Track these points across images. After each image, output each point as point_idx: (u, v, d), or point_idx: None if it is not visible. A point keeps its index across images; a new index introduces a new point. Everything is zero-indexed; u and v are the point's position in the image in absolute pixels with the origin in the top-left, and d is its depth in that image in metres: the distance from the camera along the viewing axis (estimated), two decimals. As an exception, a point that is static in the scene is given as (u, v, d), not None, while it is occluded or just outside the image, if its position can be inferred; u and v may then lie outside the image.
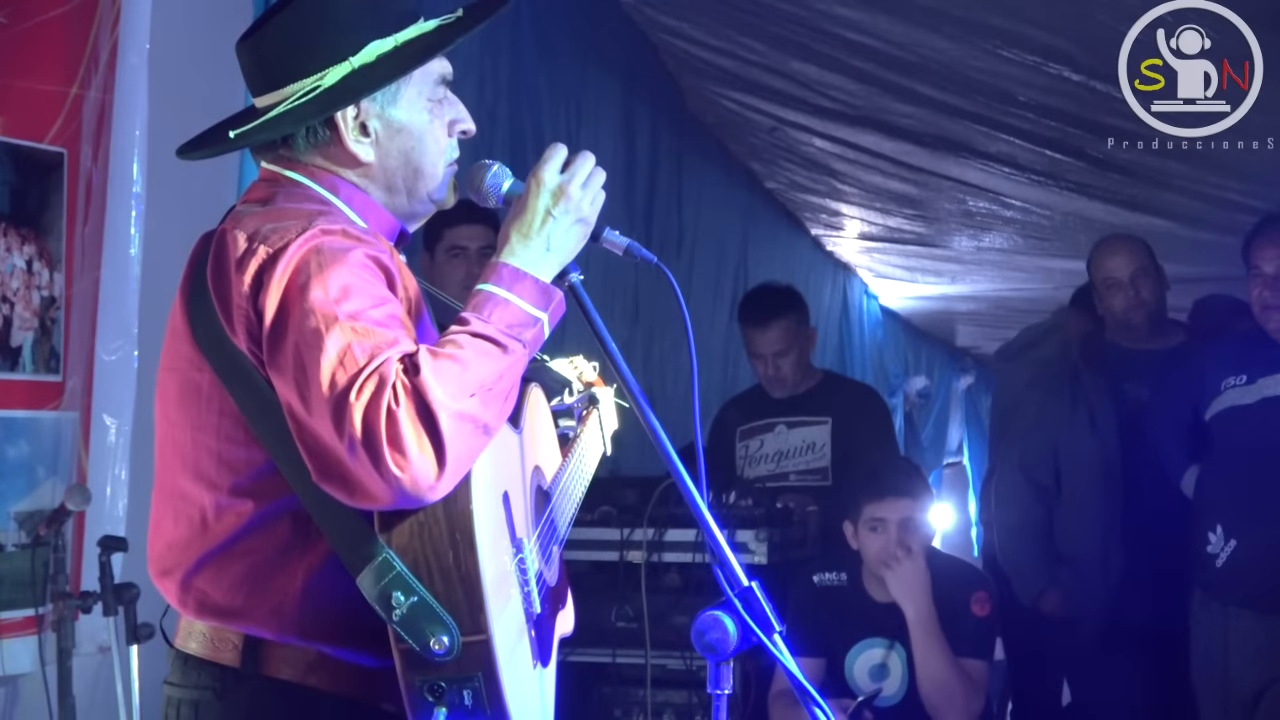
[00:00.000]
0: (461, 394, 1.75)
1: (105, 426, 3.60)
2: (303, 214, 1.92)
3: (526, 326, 1.86)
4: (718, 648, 1.86)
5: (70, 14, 3.55)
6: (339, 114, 1.98)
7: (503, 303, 1.86)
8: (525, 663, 1.91)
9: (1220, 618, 4.07)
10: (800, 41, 5.06)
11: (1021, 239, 7.35)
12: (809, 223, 8.16)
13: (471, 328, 1.82)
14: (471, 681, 1.77)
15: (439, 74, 2.04)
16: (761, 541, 4.18)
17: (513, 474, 1.99)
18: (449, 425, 1.72)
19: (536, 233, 1.93)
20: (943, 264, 8.51)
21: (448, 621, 1.77)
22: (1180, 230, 6.20)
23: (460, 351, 1.79)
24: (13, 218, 3.47)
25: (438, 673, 1.78)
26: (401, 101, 2.00)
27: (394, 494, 1.74)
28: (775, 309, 4.86)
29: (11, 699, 3.51)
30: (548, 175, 1.96)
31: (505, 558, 1.88)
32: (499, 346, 1.82)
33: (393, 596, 1.78)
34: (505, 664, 1.80)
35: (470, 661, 1.77)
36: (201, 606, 1.94)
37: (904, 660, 3.96)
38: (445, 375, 1.75)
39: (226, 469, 1.93)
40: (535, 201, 1.94)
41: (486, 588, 1.77)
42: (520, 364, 1.85)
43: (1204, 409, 4.16)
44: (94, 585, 3.34)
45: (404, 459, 1.71)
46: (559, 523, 2.18)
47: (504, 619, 1.83)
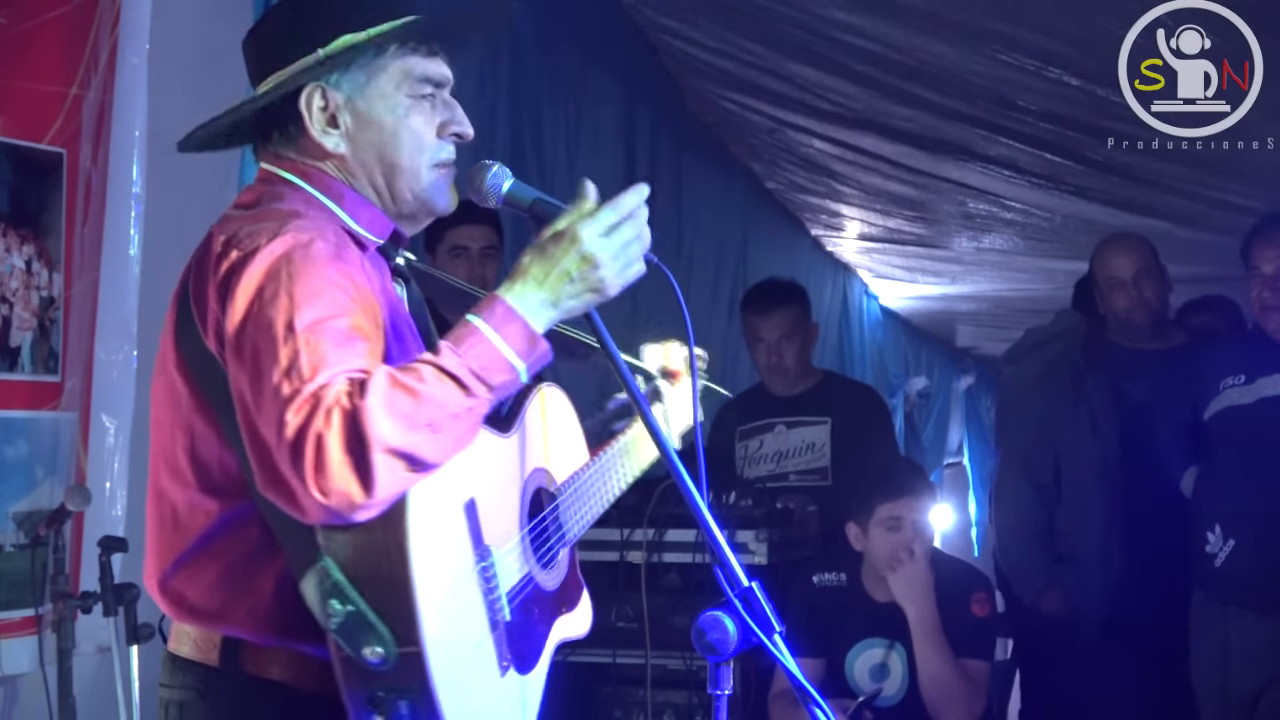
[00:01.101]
0: (405, 429, 1.70)
1: (104, 427, 3.60)
2: (281, 216, 1.93)
3: (501, 372, 1.81)
4: (718, 648, 1.86)
5: (70, 14, 3.54)
6: (304, 105, 2.01)
7: (484, 342, 1.80)
8: (485, 672, 1.87)
9: (1219, 618, 4.07)
10: (800, 44, 5.06)
11: (1021, 240, 7.35)
12: (809, 223, 8.16)
13: (441, 361, 1.77)
14: (408, 692, 1.75)
15: (422, 74, 2.04)
16: (761, 542, 4.17)
17: (490, 479, 1.95)
18: (381, 460, 1.68)
19: (548, 286, 1.86)
20: (943, 265, 8.52)
21: (382, 632, 1.74)
22: (1180, 231, 6.20)
23: (420, 385, 1.73)
24: (12, 218, 3.47)
25: (376, 682, 1.76)
26: (372, 94, 2.03)
27: (320, 513, 1.72)
28: (781, 296, 4.92)
29: (11, 699, 3.51)
30: (587, 236, 1.87)
31: (460, 567, 1.84)
32: (462, 389, 1.76)
33: (329, 604, 1.76)
34: (446, 675, 1.77)
35: (406, 672, 1.75)
36: (180, 608, 1.96)
37: (904, 660, 3.96)
38: (393, 407, 1.70)
39: (198, 467, 1.94)
40: (562, 256, 1.86)
41: (420, 600, 1.74)
42: (482, 408, 1.79)
43: (1203, 409, 4.16)
44: (94, 585, 3.33)
45: (327, 484, 1.69)
46: (568, 524, 2.13)
47: (451, 629, 1.80)
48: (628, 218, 1.90)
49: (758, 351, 4.91)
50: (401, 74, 2.03)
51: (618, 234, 1.89)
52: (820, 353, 5.50)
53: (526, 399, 2.11)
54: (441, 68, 2.07)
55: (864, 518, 4.03)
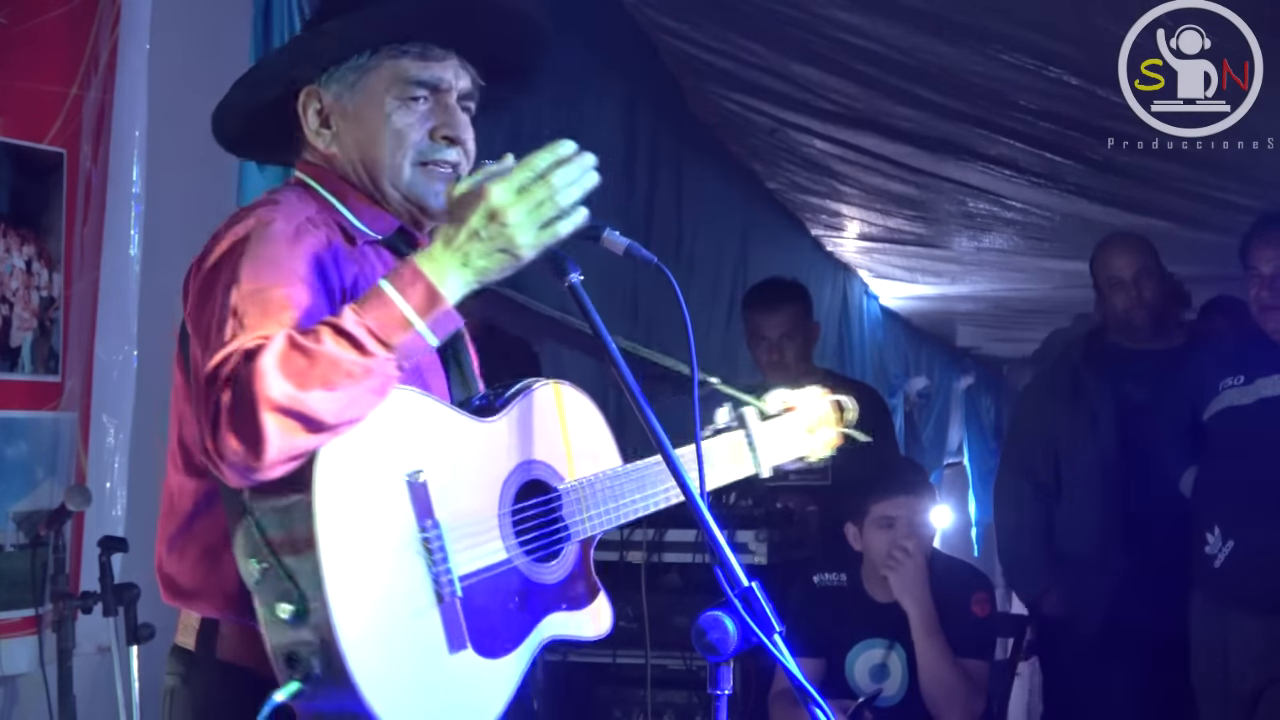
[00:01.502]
0: (295, 388, 1.74)
1: (104, 427, 3.60)
2: (257, 204, 2.04)
3: (398, 329, 1.83)
4: (718, 648, 1.86)
5: (70, 14, 3.54)
6: (300, 107, 2.12)
7: (386, 302, 1.83)
8: (423, 645, 1.88)
9: (1219, 618, 4.07)
10: (802, 44, 5.06)
11: (1022, 240, 7.35)
12: (809, 223, 8.15)
13: (340, 321, 1.81)
14: (320, 651, 1.78)
15: (412, 76, 2.08)
16: (761, 541, 4.18)
17: (456, 460, 1.96)
18: (269, 419, 1.73)
19: (455, 245, 1.87)
20: (943, 264, 8.51)
21: (291, 589, 1.79)
22: (1180, 231, 6.19)
23: (315, 345, 1.77)
24: (12, 218, 3.47)
25: (292, 640, 1.80)
26: (360, 95, 2.09)
27: (231, 476, 1.79)
28: (784, 294, 4.95)
29: (11, 699, 3.51)
30: (494, 193, 1.87)
31: (394, 536, 1.86)
32: (357, 347, 1.79)
33: (249, 563, 1.82)
34: (360, 638, 1.79)
35: (316, 631, 1.79)
36: (168, 589, 2.02)
37: (904, 660, 3.96)
38: (287, 367, 1.75)
39: (184, 450, 2.03)
40: (470, 215, 1.87)
41: (326, 559, 1.77)
42: (384, 367, 1.82)
43: (1202, 410, 4.15)
44: (94, 585, 3.34)
45: (223, 445, 1.76)
46: (573, 521, 2.12)
47: (370, 594, 1.82)
48: (539, 177, 1.89)
49: (759, 349, 4.91)
50: (391, 76, 2.08)
51: (529, 194, 1.88)
52: (820, 352, 5.50)
53: (522, 392, 2.11)
54: (438, 72, 2.09)
55: (860, 517, 4.03)
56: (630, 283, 5.61)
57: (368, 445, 1.86)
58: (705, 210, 6.73)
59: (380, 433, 1.88)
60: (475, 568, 1.96)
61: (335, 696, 1.81)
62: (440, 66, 2.09)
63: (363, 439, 1.85)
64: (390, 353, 1.82)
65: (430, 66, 2.09)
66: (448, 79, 2.10)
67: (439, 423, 1.97)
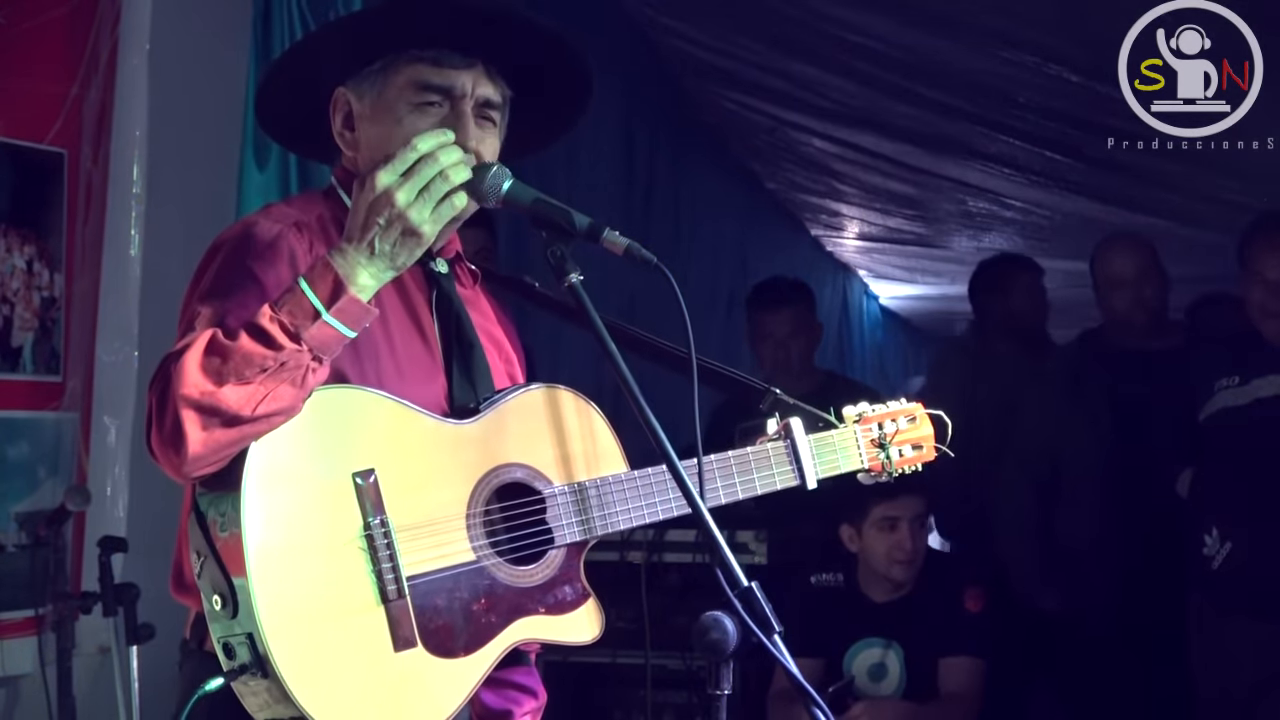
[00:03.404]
0: (209, 384, 1.81)
1: (105, 427, 3.60)
2: (260, 209, 2.11)
3: (307, 320, 1.86)
4: (718, 648, 1.86)
5: (70, 14, 3.55)
6: (331, 109, 2.15)
7: (299, 295, 1.88)
8: (360, 641, 1.90)
9: (1218, 618, 4.07)
10: (801, 43, 5.06)
11: (1021, 239, 7.35)
12: (809, 223, 8.16)
13: (256, 318, 1.86)
14: (249, 643, 1.84)
15: (425, 82, 2.08)
16: (761, 541, 4.18)
17: (416, 459, 1.98)
18: (186, 415, 1.80)
19: (358, 235, 1.91)
20: (942, 264, 8.52)
21: (223, 581, 1.86)
22: (1180, 230, 6.19)
23: (231, 343, 1.84)
24: (13, 218, 3.47)
25: (226, 631, 1.87)
26: (378, 99, 2.11)
27: (169, 472, 1.86)
28: (789, 294, 4.93)
29: (11, 699, 3.51)
30: (381, 176, 1.91)
31: (333, 532, 1.90)
32: (268, 343, 1.84)
33: (193, 555, 1.90)
34: (287, 631, 1.83)
35: (243, 622, 1.84)
36: (175, 583, 2.05)
37: (901, 659, 3.97)
38: (204, 364, 1.82)
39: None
40: (364, 204, 1.91)
41: (252, 553, 1.82)
42: (299, 360, 1.85)
43: (1198, 410, 4.15)
44: (94, 586, 3.34)
45: (153, 443, 1.85)
46: (559, 526, 2.11)
47: (307, 589, 1.86)
48: (425, 157, 1.93)
49: (764, 348, 4.90)
50: (407, 80, 2.09)
51: (417, 173, 1.91)
52: (820, 352, 5.49)
53: (506, 395, 2.12)
54: (453, 79, 2.09)
55: (859, 518, 4.03)
56: (628, 282, 5.61)
57: (311, 443, 1.89)
58: (704, 210, 6.73)
59: (328, 432, 1.91)
60: (432, 567, 1.97)
61: (267, 688, 1.86)
62: (457, 74, 2.09)
63: (306, 437, 1.89)
64: (300, 345, 1.86)
65: (446, 73, 2.09)
66: (463, 86, 2.09)
67: (401, 423, 1.99)
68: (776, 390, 2.43)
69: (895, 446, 2.49)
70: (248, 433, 1.83)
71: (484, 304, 2.29)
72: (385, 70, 2.10)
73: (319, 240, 2.07)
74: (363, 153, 2.13)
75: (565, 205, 2.01)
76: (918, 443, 2.52)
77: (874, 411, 2.50)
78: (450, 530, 2.00)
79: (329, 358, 1.90)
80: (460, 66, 2.09)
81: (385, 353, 2.06)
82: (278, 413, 1.85)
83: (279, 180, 3.61)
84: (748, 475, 2.28)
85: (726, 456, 2.27)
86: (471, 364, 2.16)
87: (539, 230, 2.01)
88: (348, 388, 1.96)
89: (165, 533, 2.16)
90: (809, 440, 2.37)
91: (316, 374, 1.88)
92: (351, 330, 1.90)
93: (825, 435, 2.41)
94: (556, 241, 2.00)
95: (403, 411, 2.00)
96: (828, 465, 2.40)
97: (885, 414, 2.50)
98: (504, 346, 2.28)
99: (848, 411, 2.48)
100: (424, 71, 2.08)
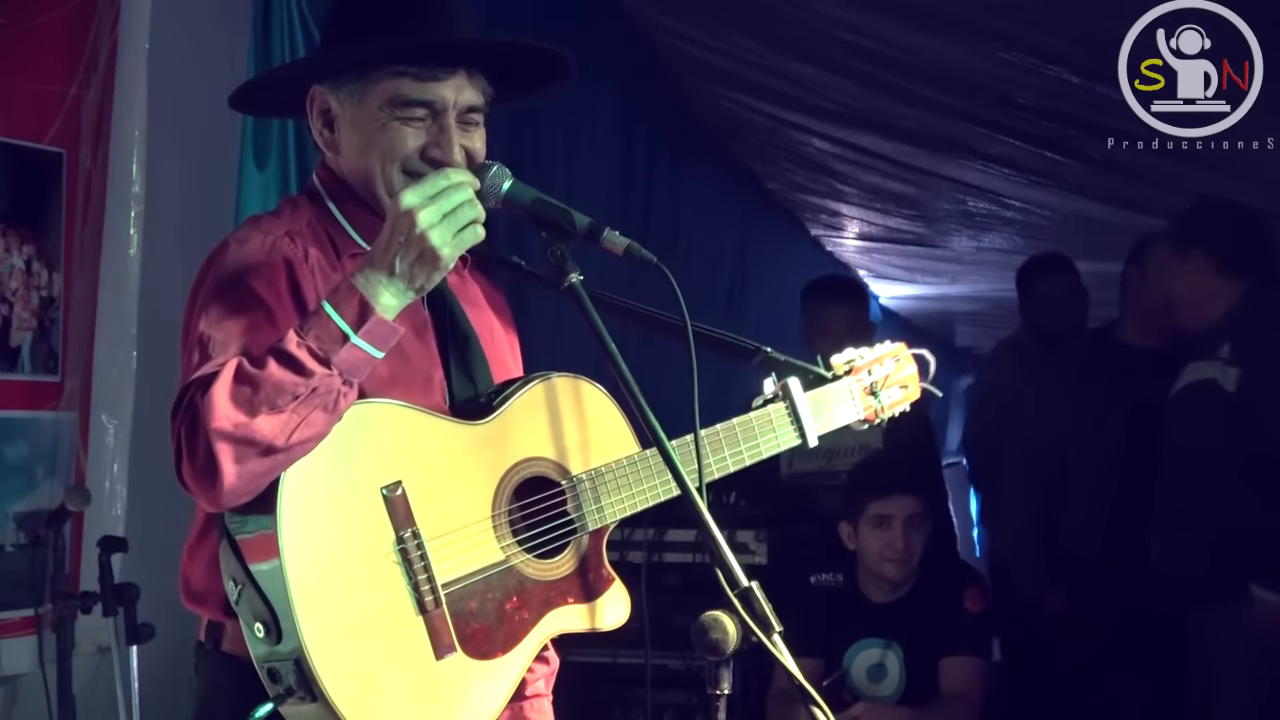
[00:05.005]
0: (241, 414, 1.80)
1: (104, 427, 3.60)
2: (247, 221, 2.13)
3: (335, 344, 1.86)
4: (718, 648, 1.86)
5: (70, 14, 3.54)
6: (308, 104, 2.14)
7: (325, 319, 1.88)
8: (404, 654, 1.92)
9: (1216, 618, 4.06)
10: (800, 43, 5.05)
11: (1021, 239, 7.35)
12: (809, 223, 8.16)
13: (284, 344, 1.86)
14: (295, 668, 1.85)
15: (408, 96, 2.07)
16: (761, 541, 4.17)
17: (439, 466, 1.99)
18: (220, 447, 1.79)
19: (381, 256, 1.91)
20: (942, 264, 8.52)
21: (264, 609, 1.86)
22: (1180, 230, 6.18)
23: (260, 372, 1.83)
24: (12, 218, 3.47)
25: (269, 656, 1.87)
26: (359, 104, 2.10)
27: (204, 503, 1.87)
28: (851, 290, 4.94)
29: (11, 699, 3.51)
30: (407, 197, 1.91)
31: (368, 549, 1.90)
32: (298, 369, 1.83)
33: (229, 582, 1.91)
34: (334, 654, 1.84)
35: (289, 648, 1.85)
36: (185, 591, 2.07)
37: (900, 660, 3.97)
38: (235, 395, 1.81)
39: None
40: (391, 225, 1.92)
41: (294, 580, 1.83)
42: (330, 384, 1.85)
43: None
44: (93, 585, 3.34)
45: (186, 475, 1.84)
46: (580, 513, 2.12)
47: (349, 609, 1.87)
48: (454, 186, 1.93)
49: (823, 342, 4.82)
50: (390, 92, 2.08)
51: (444, 198, 1.91)
52: (820, 352, 5.48)
53: (518, 389, 2.12)
54: (436, 92, 2.08)
55: (855, 516, 4.03)
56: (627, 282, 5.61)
57: (338, 462, 1.89)
58: (704, 210, 6.73)
59: (353, 448, 1.91)
60: (464, 572, 1.99)
61: (316, 711, 1.86)
62: (440, 86, 2.08)
63: (333, 457, 1.89)
64: (330, 369, 1.85)
65: (429, 87, 2.07)
66: (445, 98, 2.08)
67: (421, 432, 1.99)
68: (767, 349, 2.43)
69: (885, 391, 2.51)
70: (282, 461, 1.83)
71: (473, 290, 2.29)
72: (364, 79, 2.09)
73: (312, 245, 2.08)
74: (345, 157, 2.13)
75: (565, 205, 2.01)
76: (904, 383, 2.55)
77: (863, 359, 2.50)
78: (478, 533, 2.02)
79: (359, 380, 1.90)
80: (442, 77, 2.08)
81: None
82: (311, 439, 1.85)
83: (278, 180, 3.61)
84: (752, 440, 2.30)
85: (731, 425, 2.29)
86: (469, 357, 2.17)
87: (539, 230, 2.02)
88: (364, 402, 1.95)
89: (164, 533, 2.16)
90: (807, 398, 2.38)
91: (347, 398, 1.88)
92: (379, 351, 1.90)
93: (821, 391, 2.42)
94: (556, 241, 2.01)
95: (420, 418, 2.01)
96: (825, 421, 2.42)
97: (873, 359, 2.52)
98: (497, 332, 2.28)
99: (836, 360, 2.49)
100: (405, 85, 2.07)
